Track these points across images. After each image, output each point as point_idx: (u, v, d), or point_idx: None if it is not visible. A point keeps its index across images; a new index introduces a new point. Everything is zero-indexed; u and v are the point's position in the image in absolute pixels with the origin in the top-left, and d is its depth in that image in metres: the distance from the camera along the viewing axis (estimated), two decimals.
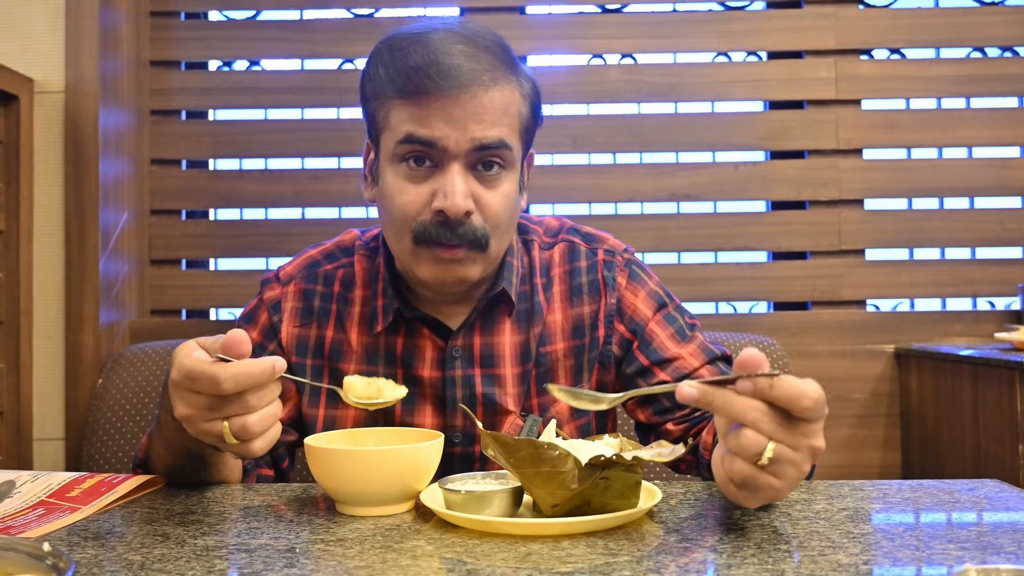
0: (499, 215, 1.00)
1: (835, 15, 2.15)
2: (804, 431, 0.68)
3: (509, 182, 1.02)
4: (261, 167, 2.18)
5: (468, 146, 0.97)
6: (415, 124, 0.97)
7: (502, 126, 0.98)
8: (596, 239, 1.17)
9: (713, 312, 2.16)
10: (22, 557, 0.57)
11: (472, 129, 0.96)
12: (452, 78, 0.95)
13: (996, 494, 0.85)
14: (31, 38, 1.93)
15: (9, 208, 1.84)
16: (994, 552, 0.66)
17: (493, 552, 0.67)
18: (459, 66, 0.95)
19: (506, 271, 1.09)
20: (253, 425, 0.77)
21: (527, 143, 1.07)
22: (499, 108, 0.98)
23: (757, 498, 0.71)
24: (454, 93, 0.95)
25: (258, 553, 0.68)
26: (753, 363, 0.67)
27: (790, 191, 2.13)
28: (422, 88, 0.95)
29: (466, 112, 0.96)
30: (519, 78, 1.02)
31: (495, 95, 0.97)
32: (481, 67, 0.96)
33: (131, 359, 1.75)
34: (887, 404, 2.06)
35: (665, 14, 2.18)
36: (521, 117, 1.02)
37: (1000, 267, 2.13)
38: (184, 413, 0.78)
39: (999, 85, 2.15)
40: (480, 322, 1.09)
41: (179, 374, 0.77)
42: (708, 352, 1.11)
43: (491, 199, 0.99)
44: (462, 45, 0.97)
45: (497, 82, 0.98)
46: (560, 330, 1.11)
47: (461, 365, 1.08)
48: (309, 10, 2.20)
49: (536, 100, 1.05)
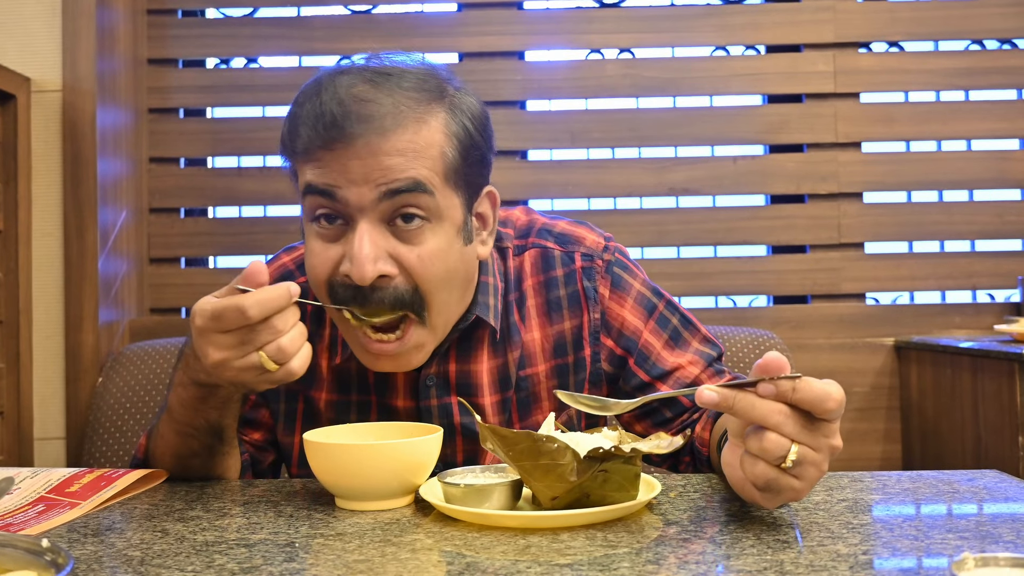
0: (427, 276, 0.88)
1: (833, 8, 2.14)
2: (825, 431, 0.68)
3: (437, 236, 0.89)
4: (259, 165, 2.18)
5: (372, 196, 0.86)
6: (316, 182, 0.88)
7: (414, 167, 0.86)
8: (571, 240, 1.06)
9: (713, 306, 2.15)
10: (21, 553, 0.57)
11: (375, 177, 0.85)
12: (340, 128, 0.85)
13: (995, 484, 0.85)
14: (28, 37, 1.93)
15: (8, 207, 1.84)
16: (993, 542, 0.66)
17: (492, 545, 0.67)
18: (350, 113, 0.85)
19: (481, 295, 0.99)
20: (288, 345, 0.77)
21: (467, 186, 0.92)
22: (408, 151, 0.86)
23: (778, 499, 0.70)
24: (347, 143, 0.85)
25: (257, 548, 0.68)
26: (775, 366, 0.67)
27: (789, 185, 2.13)
28: (312, 144, 0.87)
29: (364, 162, 0.85)
30: (447, 113, 0.90)
31: (399, 138, 0.86)
32: (382, 111, 0.86)
33: (131, 357, 1.75)
34: (887, 397, 2.06)
35: (663, 8, 2.18)
36: (445, 159, 0.89)
37: (999, 259, 2.13)
38: (217, 358, 0.78)
39: (998, 77, 2.15)
40: (455, 348, 1.00)
41: (203, 319, 0.77)
42: (705, 356, 1.06)
43: (412, 258, 0.88)
44: (364, 87, 0.87)
45: (402, 125, 0.86)
46: (540, 350, 1.03)
47: (436, 393, 1.01)
48: (306, 7, 2.19)
49: (475, 136, 0.92)
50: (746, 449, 0.69)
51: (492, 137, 0.96)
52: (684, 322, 1.07)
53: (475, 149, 0.92)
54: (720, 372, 1.07)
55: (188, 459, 0.94)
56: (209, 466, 0.95)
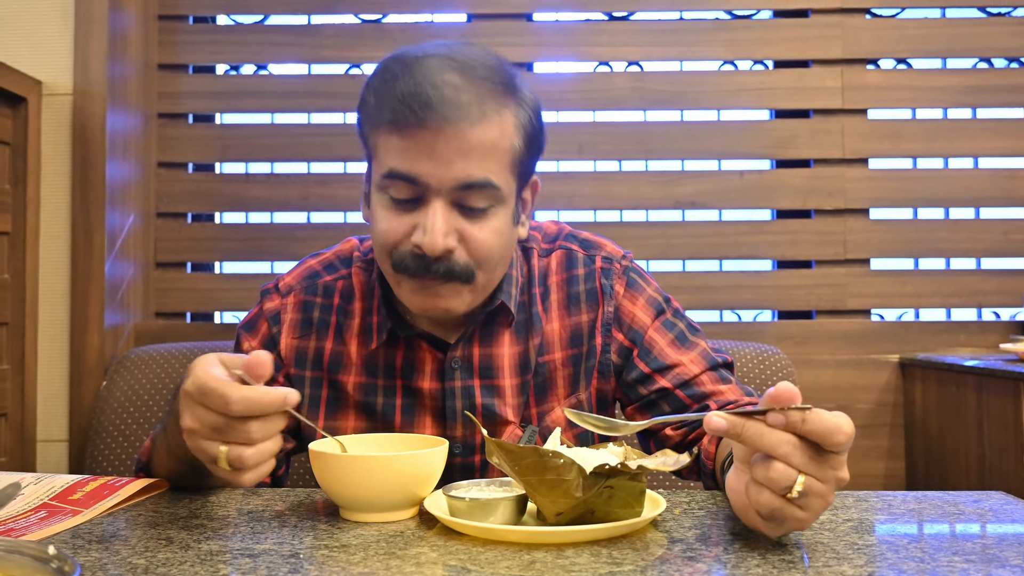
0: (486, 251, 0.97)
1: (842, 24, 2.15)
2: (833, 463, 0.68)
3: (499, 217, 0.98)
4: (267, 171, 2.18)
5: (451, 184, 0.94)
6: (398, 158, 0.94)
7: (489, 164, 0.94)
8: (594, 245, 1.15)
9: (717, 320, 2.15)
10: (27, 560, 0.57)
11: (456, 168, 0.93)
12: (435, 111, 0.91)
13: (1001, 506, 0.85)
14: (40, 41, 1.94)
15: (16, 209, 1.85)
16: (999, 565, 0.66)
17: (497, 560, 0.67)
18: (445, 98, 0.91)
19: (505, 283, 1.07)
20: (249, 458, 0.75)
21: (523, 174, 1.02)
22: (487, 144, 0.94)
23: (782, 529, 0.70)
24: (437, 127, 0.91)
25: (262, 558, 0.68)
26: (786, 397, 0.67)
27: (795, 200, 2.13)
28: (404, 120, 0.92)
29: (450, 148, 0.92)
30: (516, 106, 0.97)
31: (483, 131, 0.93)
32: (470, 100, 0.92)
33: (135, 361, 1.75)
34: (891, 414, 2.06)
35: (672, 22, 2.19)
36: (513, 151, 0.97)
37: (1006, 277, 2.13)
38: (189, 425, 0.77)
39: (1005, 95, 2.15)
40: (479, 333, 1.08)
41: (192, 386, 0.76)
42: (709, 359, 1.10)
43: (477, 235, 0.96)
44: (452, 74, 0.93)
45: (486, 116, 0.93)
46: (558, 339, 1.11)
47: (461, 376, 1.08)
48: (316, 15, 2.20)
49: (534, 127, 1.00)
50: (752, 477, 0.69)
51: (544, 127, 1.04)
52: (691, 329, 1.13)
53: (536, 140, 1.01)
54: (726, 380, 1.10)
55: (181, 477, 0.95)
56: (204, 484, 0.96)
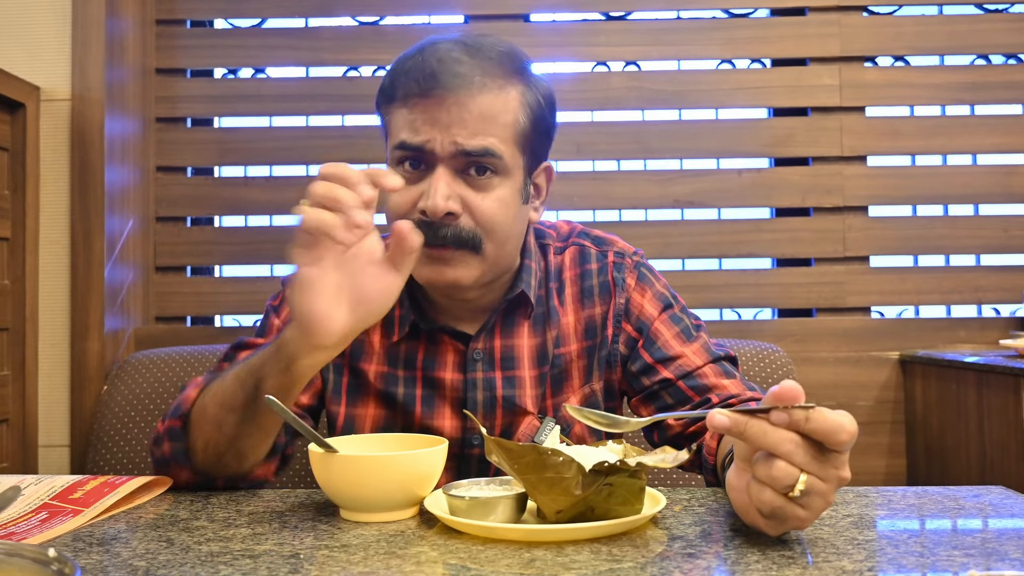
0: (491, 219, 1.01)
1: (839, 22, 2.15)
2: (835, 463, 0.68)
3: (504, 188, 1.02)
4: (266, 174, 2.18)
5: (452, 149, 0.99)
6: (406, 130, 1.01)
7: (488, 134, 1.00)
8: (606, 242, 1.19)
9: (717, 319, 2.15)
10: (27, 563, 0.57)
11: (455, 133, 0.99)
12: (438, 81, 0.98)
13: (1001, 501, 0.85)
14: (38, 46, 1.94)
15: (15, 215, 1.85)
16: (999, 559, 0.66)
17: (497, 558, 0.67)
18: (447, 70, 0.98)
19: (525, 274, 1.11)
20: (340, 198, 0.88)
21: (531, 153, 1.06)
22: (488, 114, 0.99)
23: (782, 527, 0.70)
24: (440, 96, 0.98)
25: (262, 559, 0.68)
26: (789, 395, 0.67)
27: (794, 198, 2.13)
28: (410, 92, 1.00)
29: (450, 115, 0.98)
30: (523, 86, 1.03)
31: (483, 100, 0.99)
32: (472, 72, 0.99)
33: (136, 366, 1.75)
34: (892, 411, 2.06)
35: (669, 21, 2.19)
36: (517, 125, 1.02)
37: (1005, 274, 2.13)
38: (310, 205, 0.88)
39: (1003, 92, 2.15)
40: (500, 325, 1.12)
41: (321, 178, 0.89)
42: (711, 352, 1.12)
43: (480, 202, 1.01)
44: (458, 52, 1.00)
45: (487, 87, 1.00)
46: (573, 332, 1.14)
47: (482, 367, 1.10)
48: (314, 18, 2.21)
49: (542, 109, 1.05)
50: (754, 475, 0.69)
51: (556, 117, 1.09)
52: (696, 327, 1.15)
53: (543, 121, 1.06)
54: (730, 374, 1.11)
55: (229, 412, 0.93)
56: (243, 430, 0.93)
